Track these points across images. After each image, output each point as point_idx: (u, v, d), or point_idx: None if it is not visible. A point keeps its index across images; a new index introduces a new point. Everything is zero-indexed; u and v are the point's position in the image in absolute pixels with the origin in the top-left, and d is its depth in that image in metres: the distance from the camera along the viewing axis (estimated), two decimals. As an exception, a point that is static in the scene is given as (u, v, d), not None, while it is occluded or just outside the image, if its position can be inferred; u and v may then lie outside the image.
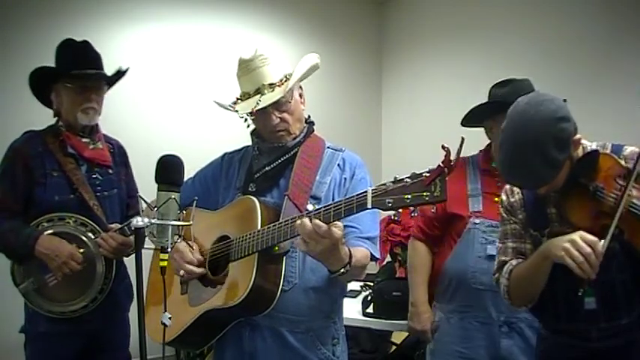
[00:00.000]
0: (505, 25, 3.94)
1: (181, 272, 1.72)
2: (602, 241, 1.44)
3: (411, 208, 1.40)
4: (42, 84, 2.20)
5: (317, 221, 1.40)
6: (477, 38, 4.13)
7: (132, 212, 2.37)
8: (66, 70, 2.13)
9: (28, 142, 2.16)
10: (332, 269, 1.52)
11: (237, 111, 1.72)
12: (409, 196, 1.28)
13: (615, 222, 1.47)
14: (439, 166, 1.25)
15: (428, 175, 1.27)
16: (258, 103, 1.67)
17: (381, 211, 1.38)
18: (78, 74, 2.12)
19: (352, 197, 1.39)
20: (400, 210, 1.58)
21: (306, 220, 1.41)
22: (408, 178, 1.30)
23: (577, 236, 1.45)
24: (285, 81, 1.71)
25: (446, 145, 1.24)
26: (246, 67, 1.73)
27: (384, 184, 1.33)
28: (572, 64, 3.48)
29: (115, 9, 3.68)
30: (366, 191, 1.36)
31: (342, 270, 1.50)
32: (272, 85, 1.70)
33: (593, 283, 1.52)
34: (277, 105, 1.70)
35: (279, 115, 1.73)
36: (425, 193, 1.26)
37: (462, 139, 1.24)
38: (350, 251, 1.53)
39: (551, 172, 1.50)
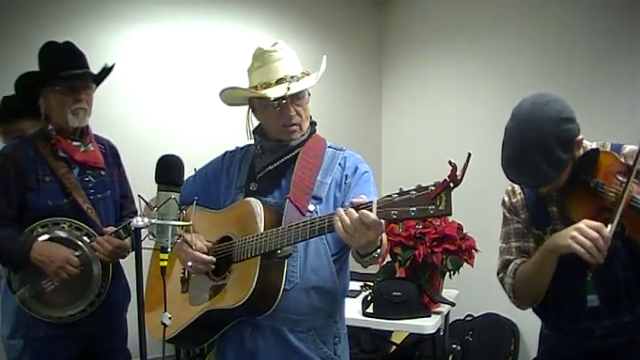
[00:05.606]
0: (505, 25, 3.95)
1: (190, 263, 1.70)
2: (609, 225, 1.47)
3: None
4: (28, 91, 2.16)
5: (365, 212, 1.34)
6: (477, 38, 4.13)
7: (125, 213, 2.35)
8: (53, 72, 2.09)
9: (18, 148, 2.13)
10: (363, 252, 1.50)
11: (264, 96, 1.67)
12: (414, 209, 1.29)
13: (622, 205, 1.49)
14: (445, 180, 1.25)
15: (434, 188, 1.27)
16: (289, 88, 1.65)
17: None
18: (66, 75, 2.08)
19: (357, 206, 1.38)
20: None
21: (352, 211, 1.36)
22: (414, 190, 1.30)
23: (582, 224, 1.48)
24: (307, 75, 1.72)
25: (453, 161, 1.24)
26: (269, 57, 1.71)
27: (389, 196, 1.33)
28: (571, 64, 3.51)
29: (114, 8, 3.66)
30: (371, 202, 1.36)
31: (375, 254, 1.50)
32: (294, 77, 1.69)
33: (596, 280, 1.55)
34: (297, 97, 1.70)
35: (296, 109, 1.72)
36: (430, 207, 1.27)
37: (469, 154, 1.23)
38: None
39: (555, 171, 1.52)
